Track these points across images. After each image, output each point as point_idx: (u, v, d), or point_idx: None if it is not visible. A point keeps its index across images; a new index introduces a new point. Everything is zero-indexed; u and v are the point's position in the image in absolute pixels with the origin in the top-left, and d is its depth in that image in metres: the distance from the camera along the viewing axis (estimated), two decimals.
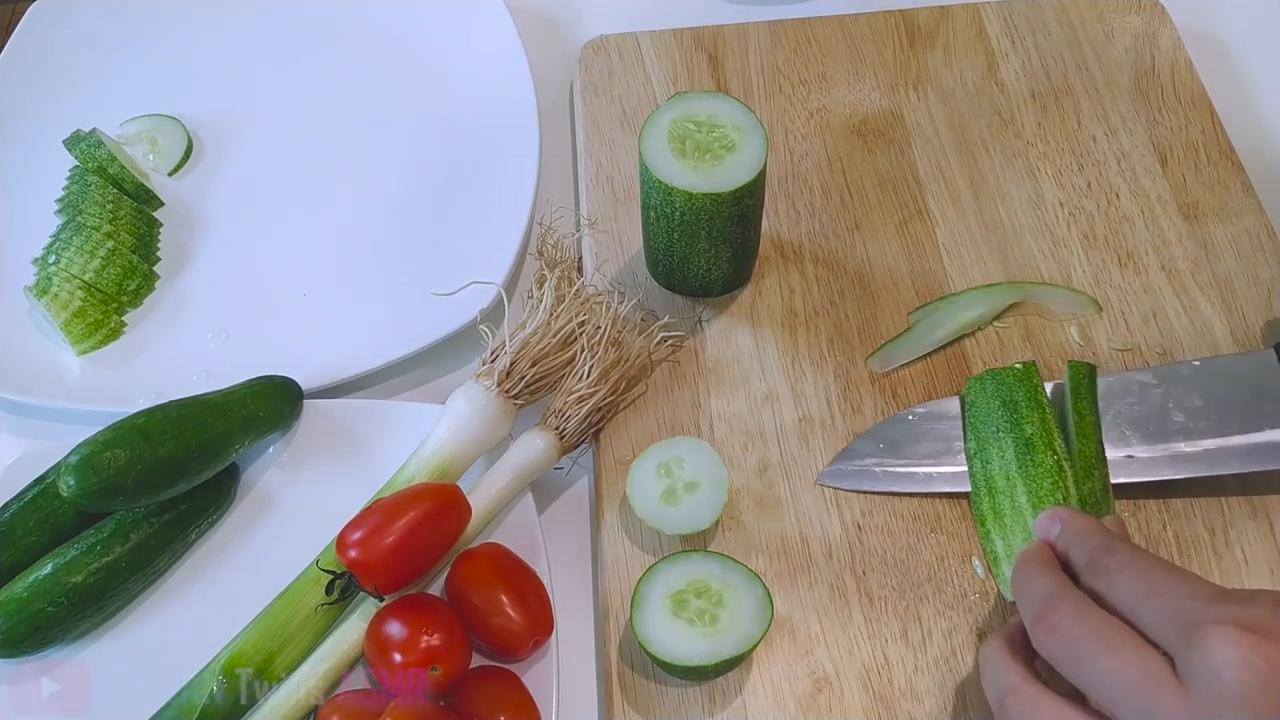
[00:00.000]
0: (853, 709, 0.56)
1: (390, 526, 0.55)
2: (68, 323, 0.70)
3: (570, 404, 0.61)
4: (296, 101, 0.83)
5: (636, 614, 0.55)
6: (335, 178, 0.79)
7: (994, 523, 0.59)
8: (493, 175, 0.76)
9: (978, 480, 0.61)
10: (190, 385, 0.65)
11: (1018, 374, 0.61)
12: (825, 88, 0.79)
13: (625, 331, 0.64)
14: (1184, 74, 0.78)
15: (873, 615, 0.58)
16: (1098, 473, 0.57)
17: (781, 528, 0.61)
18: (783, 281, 0.70)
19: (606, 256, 0.72)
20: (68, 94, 0.83)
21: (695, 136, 0.61)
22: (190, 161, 0.80)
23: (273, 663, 0.56)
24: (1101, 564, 0.46)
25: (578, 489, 0.66)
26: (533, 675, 0.57)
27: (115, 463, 0.57)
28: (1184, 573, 0.44)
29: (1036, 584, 0.47)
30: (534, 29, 0.82)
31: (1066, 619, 0.44)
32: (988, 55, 0.80)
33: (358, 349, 0.68)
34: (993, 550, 0.58)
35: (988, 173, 0.75)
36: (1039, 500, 0.57)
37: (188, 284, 0.75)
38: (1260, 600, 0.40)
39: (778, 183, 0.75)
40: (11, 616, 0.57)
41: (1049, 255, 0.71)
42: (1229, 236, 0.71)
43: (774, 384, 0.66)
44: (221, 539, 0.63)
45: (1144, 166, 0.74)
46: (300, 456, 0.65)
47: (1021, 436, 0.58)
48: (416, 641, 0.54)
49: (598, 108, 0.78)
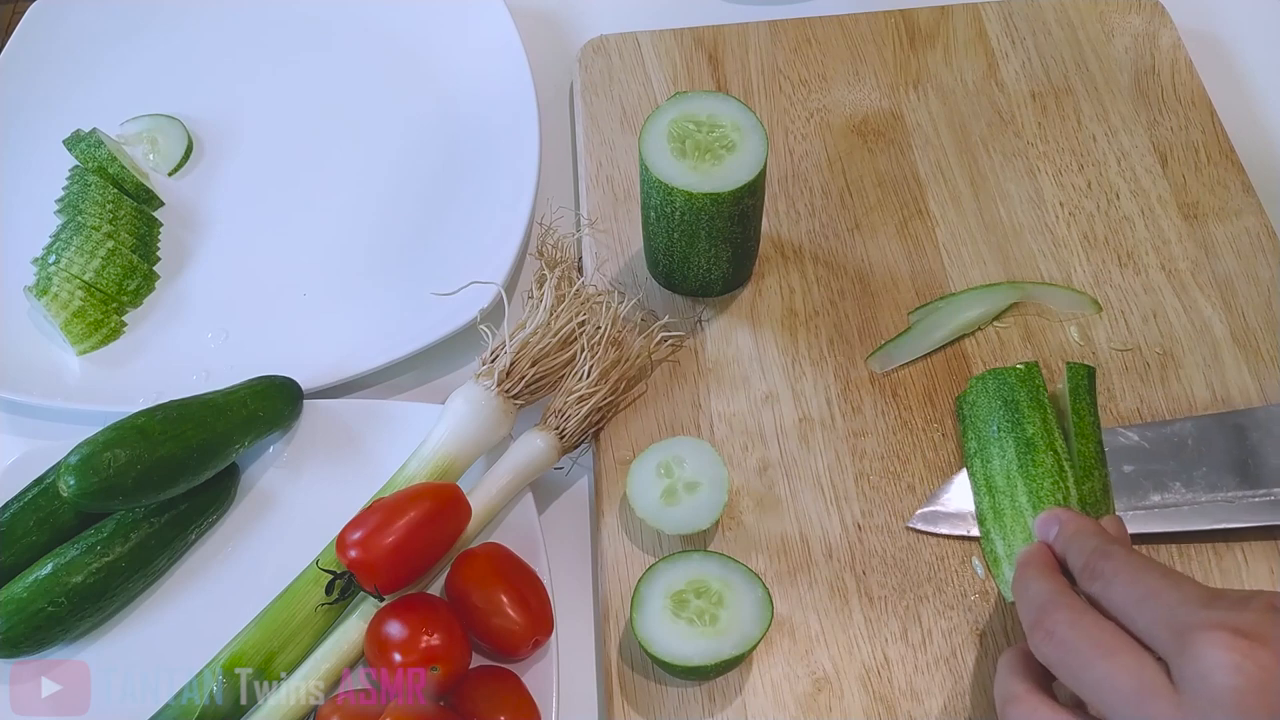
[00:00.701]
0: (853, 709, 0.56)
1: (390, 526, 0.55)
2: (68, 323, 0.70)
3: (570, 404, 0.61)
4: (297, 102, 0.83)
5: (636, 614, 0.55)
6: (335, 178, 0.79)
7: (994, 523, 0.59)
8: (493, 175, 0.76)
9: (978, 480, 0.61)
10: (190, 385, 0.65)
11: (1020, 374, 0.61)
12: (825, 88, 0.79)
13: (625, 331, 0.64)
14: (1184, 74, 0.78)
15: (873, 615, 0.58)
16: (1097, 473, 0.57)
17: (781, 528, 0.61)
18: (783, 281, 0.70)
19: (606, 256, 0.72)
20: (68, 94, 0.83)
21: (695, 136, 0.61)
22: (190, 161, 0.80)
23: (273, 663, 0.56)
24: (1097, 568, 0.45)
25: (578, 489, 0.66)
26: (533, 675, 0.57)
27: (115, 463, 0.57)
28: (1178, 576, 0.44)
29: (1034, 589, 0.47)
30: (534, 29, 0.82)
31: (1062, 625, 0.44)
32: (988, 55, 0.80)
33: (358, 349, 0.68)
34: (993, 550, 0.58)
35: (988, 173, 0.75)
36: (1039, 500, 0.57)
37: (188, 284, 0.75)
38: (1253, 605, 0.40)
39: (778, 183, 0.75)
40: (11, 616, 0.57)
41: (1049, 255, 0.71)
42: (1229, 236, 0.71)
43: (774, 384, 0.66)
44: (221, 539, 0.63)
45: (1144, 166, 0.74)
46: (300, 456, 0.65)
47: (1023, 437, 0.58)
48: (416, 641, 0.54)
49: (598, 108, 0.78)
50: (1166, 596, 0.42)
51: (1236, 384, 0.65)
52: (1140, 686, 0.41)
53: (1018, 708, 0.45)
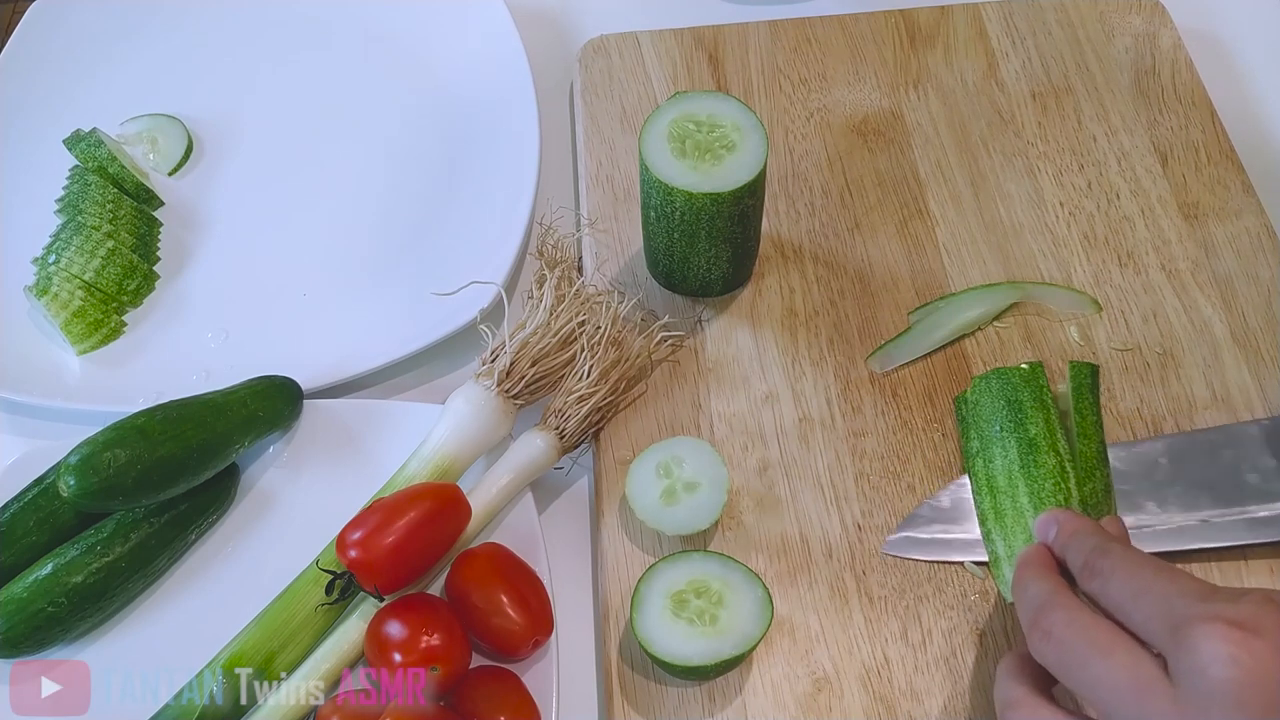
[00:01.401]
0: (853, 709, 0.56)
1: (390, 526, 0.55)
2: (68, 323, 0.70)
3: (570, 404, 0.61)
4: (296, 102, 0.83)
5: (636, 614, 0.55)
6: (335, 178, 0.79)
7: (995, 523, 0.59)
8: (493, 175, 0.76)
9: (979, 480, 0.60)
10: (190, 385, 0.65)
11: (1024, 374, 0.60)
12: (825, 87, 0.79)
13: (625, 331, 0.64)
14: (1184, 74, 0.78)
15: (873, 615, 0.58)
16: (1099, 474, 0.57)
17: (781, 528, 0.61)
18: (783, 281, 0.70)
19: (606, 256, 0.72)
20: (68, 94, 0.83)
21: (695, 136, 0.61)
22: (190, 161, 0.80)
23: (273, 663, 0.56)
24: (1095, 566, 0.45)
25: (578, 489, 0.66)
26: (533, 675, 0.57)
27: (115, 463, 0.57)
28: (1174, 571, 0.44)
29: (1032, 589, 0.47)
30: (534, 29, 0.82)
31: (1059, 625, 0.44)
32: (988, 55, 0.80)
33: (358, 349, 0.68)
34: (993, 551, 0.58)
35: (988, 172, 0.75)
36: (1041, 501, 0.56)
37: (188, 284, 0.75)
38: (1248, 598, 0.40)
39: (778, 182, 0.75)
40: (11, 616, 0.57)
41: (1049, 255, 0.71)
42: (1229, 236, 0.71)
43: (774, 384, 0.66)
44: (221, 539, 0.63)
45: (1144, 166, 0.74)
46: (300, 456, 0.65)
47: (1025, 437, 0.58)
48: (416, 641, 0.54)
49: (598, 108, 0.78)
50: (1161, 591, 0.42)
51: (1236, 384, 0.65)
52: (1137, 683, 0.40)
53: (1018, 712, 0.45)
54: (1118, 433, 0.63)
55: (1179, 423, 0.64)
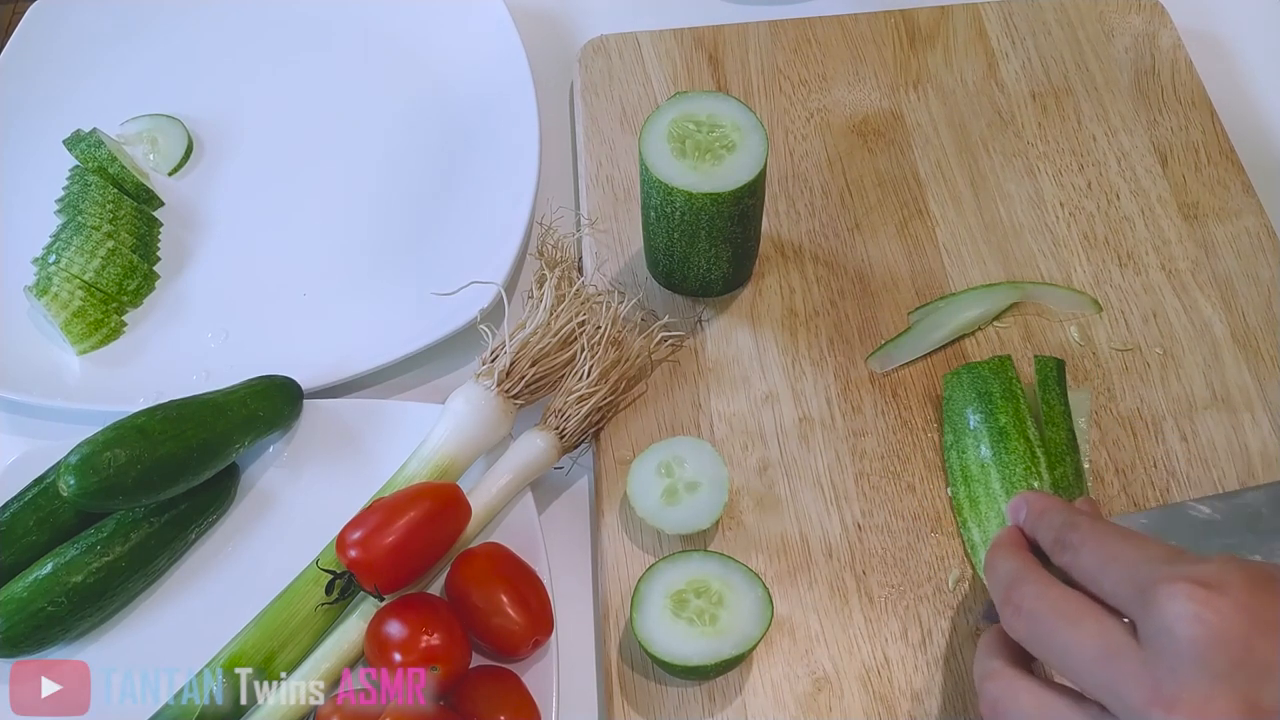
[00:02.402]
0: (853, 709, 0.56)
1: (390, 526, 0.55)
2: (68, 322, 0.70)
3: (570, 404, 0.61)
4: (296, 102, 0.83)
5: (636, 614, 0.55)
6: (335, 177, 0.79)
7: (970, 511, 0.59)
8: (493, 175, 0.76)
9: (954, 471, 0.61)
10: (190, 385, 0.65)
11: (993, 367, 0.61)
12: (825, 88, 0.79)
13: (625, 331, 0.64)
14: (1184, 74, 0.78)
15: (873, 615, 0.59)
16: (1069, 459, 0.58)
17: (781, 528, 0.61)
18: (783, 281, 0.70)
19: (606, 256, 0.72)
20: (68, 94, 0.83)
21: (695, 136, 0.61)
22: (190, 161, 0.80)
23: (273, 663, 0.56)
24: (1065, 540, 0.46)
25: (578, 489, 0.66)
26: (533, 675, 0.57)
27: (115, 463, 0.57)
28: (1142, 538, 0.44)
29: (1002, 567, 0.47)
30: (534, 29, 0.82)
31: (1029, 598, 0.44)
32: (988, 55, 0.80)
33: (358, 349, 0.68)
34: (970, 539, 0.59)
35: (988, 173, 0.75)
36: (1013, 486, 0.57)
37: (188, 284, 0.75)
38: (1214, 558, 0.40)
39: (778, 183, 0.75)
40: (11, 616, 0.57)
41: (1049, 255, 0.71)
42: (1229, 236, 0.71)
43: (774, 384, 0.66)
44: (221, 539, 0.63)
45: (1144, 166, 0.74)
46: (300, 456, 0.65)
47: (996, 426, 0.59)
48: (416, 641, 0.54)
49: (598, 108, 0.78)
50: (1131, 557, 0.42)
51: (1236, 384, 0.65)
52: (1106, 648, 0.41)
53: (995, 682, 0.45)
54: (1117, 433, 0.64)
55: (1179, 423, 0.64)
